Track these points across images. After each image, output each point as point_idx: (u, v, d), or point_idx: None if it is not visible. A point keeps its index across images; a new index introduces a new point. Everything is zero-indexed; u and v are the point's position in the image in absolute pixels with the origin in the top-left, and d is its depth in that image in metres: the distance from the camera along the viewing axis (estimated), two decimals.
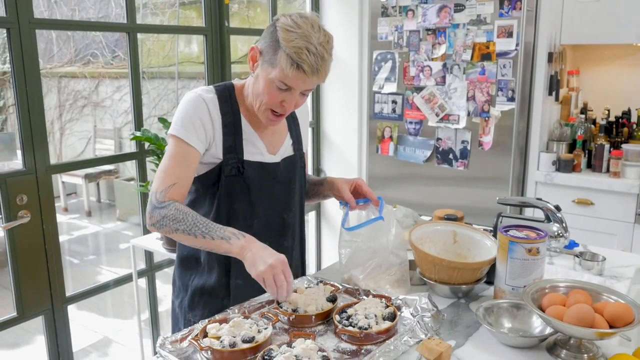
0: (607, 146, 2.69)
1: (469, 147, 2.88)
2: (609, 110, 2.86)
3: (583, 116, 2.87)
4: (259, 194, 1.36)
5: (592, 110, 2.93)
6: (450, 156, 2.95)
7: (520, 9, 2.61)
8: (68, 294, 2.20)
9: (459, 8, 2.79)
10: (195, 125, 1.29)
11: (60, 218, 5.81)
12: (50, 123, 6.62)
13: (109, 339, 3.30)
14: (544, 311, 1.05)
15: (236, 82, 1.40)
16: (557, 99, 2.86)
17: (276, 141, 1.41)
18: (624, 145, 2.65)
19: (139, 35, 2.38)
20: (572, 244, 1.62)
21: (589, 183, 2.64)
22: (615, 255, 1.59)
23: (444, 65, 2.89)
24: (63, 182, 5.98)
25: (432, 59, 2.93)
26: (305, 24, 1.22)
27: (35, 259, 2.05)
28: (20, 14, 1.92)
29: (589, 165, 2.78)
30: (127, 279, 2.44)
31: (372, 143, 3.24)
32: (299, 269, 1.51)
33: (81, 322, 3.50)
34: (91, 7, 6.28)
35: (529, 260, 1.18)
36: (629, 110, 2.85)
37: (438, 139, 2.98)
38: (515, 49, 2.65)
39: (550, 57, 2.72)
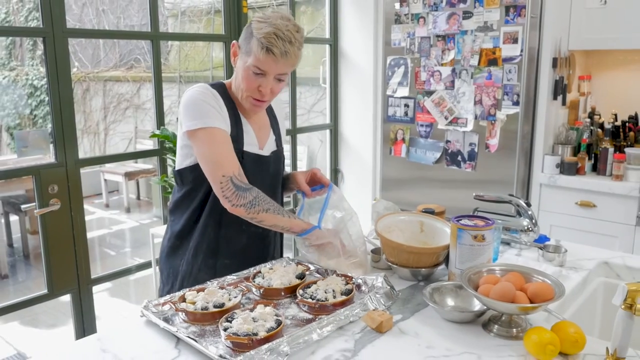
0: (611, 150, 2.73)
1: (476, 150, 2.98)
2: (615, 115, 2.90)
3: (589, 120, 2.92)
4: (253, 184, 1.44)
5: (598, 115, 2.97)
6: (459, 158, 3.06)
7: (525, 16, 2.70)
8: (93, 276, 2.44)
9: (467, 15, 2.90)
10: (216, 110, 1.39)
11: (102, 213, 6.19)
12: (96, 124, 7.04)
13: None
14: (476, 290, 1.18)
15: (226, 81, 1.52)
16: (563, 103, 2.92)
17: (263, 136, 1.53)
18: (627, 149, 2.69)
19: (177, 42, 2.60)
20: (543, 239, 1.72)
21: (591, 186, 2.70)
22: (580, 249, 1.68)
23: (453, 70, 3.00)
24: (105, 180, 6.36)
25: (442, 64, 3.05)
26: (275, 16, 1.37)
27: (64, 243, 2.30)
28: (54, 24, 2.17)
29: (595, 169, 2.83)
30: (147, 265, 2.67)
31: (386, 145, 3.37)
32: (279, 253, 1.66)
33: (113, 307, 3.78)
34: (135, 15, 6.66)
35: (474, 246, 1.31)
36: (636, 114, 2.88)
37: (447, 141, 3.09)
38: (520, 55, 2.74)
39: (555, 62, 2.79)
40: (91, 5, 7.01)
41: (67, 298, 2.42)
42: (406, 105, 3.25)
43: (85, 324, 2.43)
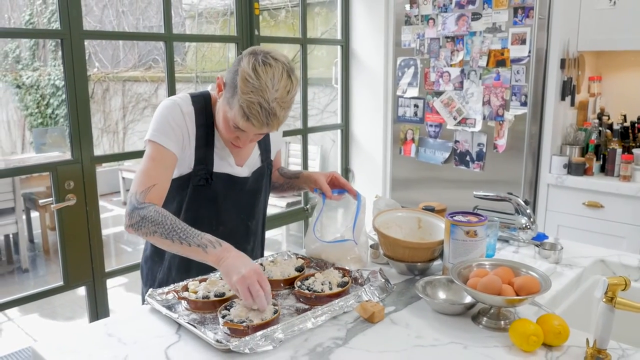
0: (619, 150, 2.74)
1: (484, 150, 3.00)
2: (625, 116, 2.90)
3: (598, 121, 2.93)
4: (225, 203, 1.46)
5: (607, 116, 2.97)
6: (467, 158, 3.08)
7: (533, 17, 2.72)
8: (107, 269, 2.52)
9: (476, 17, 2.93)
10: (174, 130, 1.36)
11: (120, 211, 6.32)
12: (115, 123, 7.19)
13: None
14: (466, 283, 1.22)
15: (212, 91, 1.46)
16: (572, 104, 2.93)
17: (244, 154, 1.50)
18: (635, 150, 2.69)
19: (194, 43, 2.64)
20: (542, 236, 1.75)
21: (598, 186, 2.70)
22: (577, 247, 1.71)
23: (462, 71, 3.03)
24: (123, 178, 6.48)
25: (451, 65, 3.08)
26: (266, 75, 1.23)
27: (79, 237, 2.38)
28: (72, 26, 2.25)
29: (603, 170, 2.84)
30: None
31: (396, 144, 3.41)
32: None
33: (128, 302, 3.88)
34: (154, 17, 6.79)
35: (467, 241, 1.35)
36: None
37: (456, 141, 3.12)
38: (528, 56, 2.75)
39: (563, 63, 2.80)
40: (111, 7, 7.16)
41: (83, 292, 2.51)
42: (416, 106, 3.28)
43: (99, 316, 2.51)
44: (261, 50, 1.29)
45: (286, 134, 4.24)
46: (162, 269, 1.54)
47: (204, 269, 1.26)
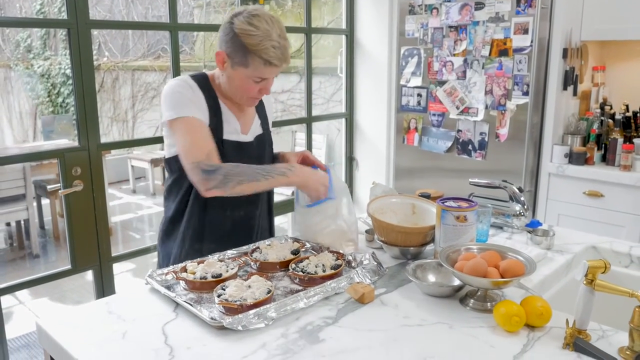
0: (620, 140, 2.75)
1: (486, 139, 3.02)
2: (627, 105, 2.91)
3: (599, 111, 2.93)
4: None
5: (609, 106, 2.97)
6: (470, 147, 3.11)
7: (535, 6, 2.72)
8: (114, 254, 2.58)
9: (479, 6, 2.94)
10: (192, 101, 1.46)
11: (129, 198, 6.41)
12: (125, 112, 7.26)
13: None
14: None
15: (208, 72, 1.59)
16: (574, 93, 2.94)
17: (247, 121, 1.61)
18: (635, 140, 2.70)
19: (202, 32, 2.66)
20: (535, 223, 1.77)
21: (599, 175, 2.72)
22: (570, 234, 1.74)
23: (465, 61, 3.05)
24: (133, 167, 6.56)
25: (454, 55, 3.09)
26: (260, 23, 1.40)
27: (86, 222, 2.45)
28: (78, 16, 2.30)
29: (604, 159, 2.85)
30: None
31: (399, 133, 3.44)
32: (266, 234, 1.73)
33: (135, 287, 3.96)
34: (162, 6, 6.83)
35: (457, 226, 1.38)
36: None
37: (458, 130, 3.14)
38: (530, 45, 2.76)
39: (565, 53, 2.81)
40: None
41: (91, 277, 2.57)
42: (419, 95, 3.30)
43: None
44: (239, 11, 1.43)
45: (290, 122, 4.29)
46: (176, 243, 1.60)
47: (216, 238, 1.41)
